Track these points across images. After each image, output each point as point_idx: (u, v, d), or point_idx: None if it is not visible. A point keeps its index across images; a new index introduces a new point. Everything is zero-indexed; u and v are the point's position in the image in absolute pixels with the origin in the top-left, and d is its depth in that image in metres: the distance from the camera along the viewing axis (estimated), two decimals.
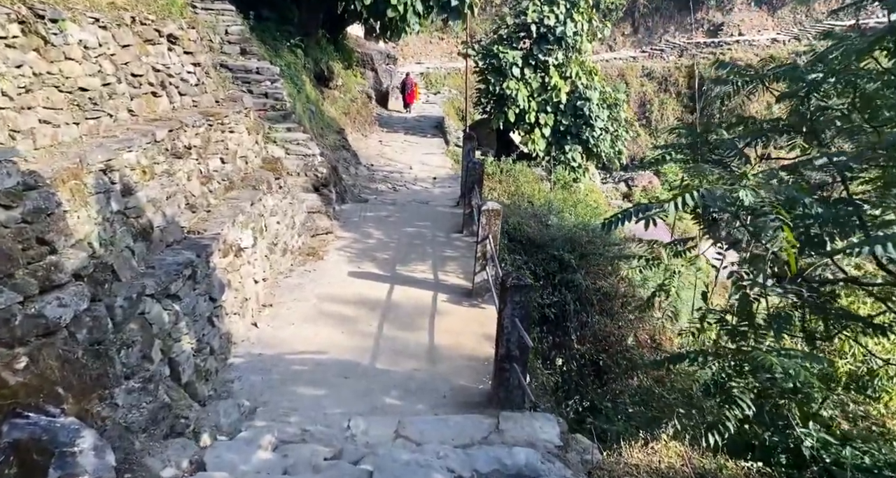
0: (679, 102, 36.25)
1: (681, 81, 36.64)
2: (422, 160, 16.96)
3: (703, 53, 37.11)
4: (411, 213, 11.20)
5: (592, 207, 18.95)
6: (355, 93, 20.77)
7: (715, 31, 38.90)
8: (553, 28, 19.42)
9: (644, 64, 37.90)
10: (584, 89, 20.18)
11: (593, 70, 20.80)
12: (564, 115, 20.28)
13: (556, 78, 19.90)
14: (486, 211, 7.20)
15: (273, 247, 7.49)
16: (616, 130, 20.85)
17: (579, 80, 20.32)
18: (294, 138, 10.64)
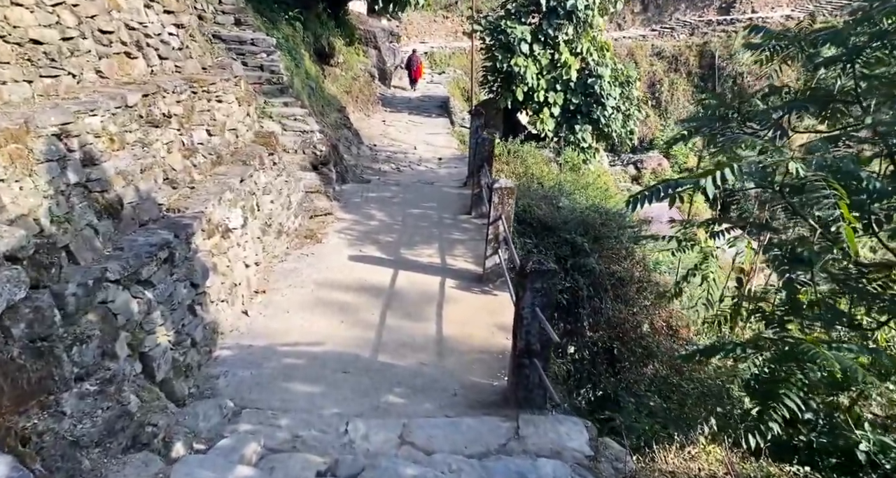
0: (690, 82, 35.28)
1: (692, 61, 35.66)
2: (426, 140, 16.28)
3: (716, 32, 36.09)
4: (416, 193, 10.57)
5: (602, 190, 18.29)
6: (357, 71, 20.02)
7: (727, 8, 37.80)
8: (563, 1, 18.58)
9: (654, 43, 36.89)
10: (596, 66, 19.38)
11: (605, 46, 19.97)
12: (574, 93, 19.50)
13: (567, 54, 19.09)
14: (498, 189, 6.56)
15: (266, 228, 6.88)
16: (628, 109, 20.07)
17: (590, 57, 19.51)
18: (291, 113, 9.99)
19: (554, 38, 19.52)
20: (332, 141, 11.57)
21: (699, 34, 36.62)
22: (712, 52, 35.18)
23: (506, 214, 6.65)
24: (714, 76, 34.71)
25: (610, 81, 19.43)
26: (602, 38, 20.06)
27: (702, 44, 35.78)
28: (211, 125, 6.28)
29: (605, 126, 19.69)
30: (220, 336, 5.32)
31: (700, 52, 35.46)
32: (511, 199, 6.62)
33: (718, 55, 34.80)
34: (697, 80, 35.20)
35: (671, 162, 32.43)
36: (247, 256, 6.26)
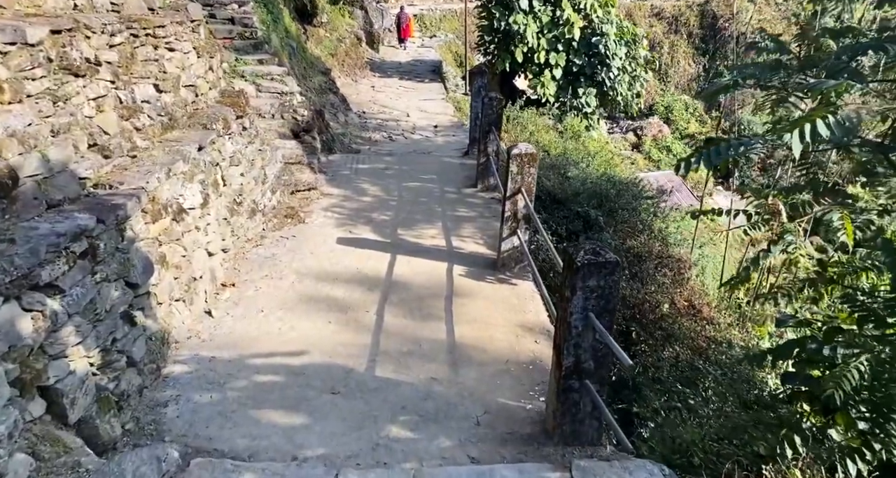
0: (691, 44, 33.81)
1: (692, 21, 34.12)
2: (420, 107, 14.96)
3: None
4: (413, 165, 9.33)
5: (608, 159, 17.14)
6: (343, 32, 18.51)
7: None
8: None
9: (653, 2, 35.25)
10: (600, 24, 17.99)
11: (610, 1, 18.53)
12: (577, 53, 18.12)
13: (569, 10, 17.66)
14: (517, 156, 5.36)
15: (236, 207, 5.67)
16: (634, 70, 18.76)
17: (594, 14, 18.10)
18: (267, 72, 8.67)
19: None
20: (316, 106, 10.27)
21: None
22: (713, 11, 33.69)
23: (526, 186, 5.47)
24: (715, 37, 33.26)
25: (615, 40, 18.07)
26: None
27: (702, 3, 34.22)
28: (160, 79, 5.01)
29: (611, 89, 18.38)
30: (172, 347, 4.16)
31: (701, 13, 33.94)
32: (532, 167, 5.43)
33: (720, 15, 33.29)
34: (698, 41, 33.73)
35: (672, 128, 31.21)
36: (210, 241, 5.07)
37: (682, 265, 10.09)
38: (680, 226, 12.76)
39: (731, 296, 11.28)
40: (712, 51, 33.12)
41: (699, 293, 9.89)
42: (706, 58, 33.26)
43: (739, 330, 9.26)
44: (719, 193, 26.45)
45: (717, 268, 12.36)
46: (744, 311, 10.52)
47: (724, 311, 9.56)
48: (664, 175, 24.19)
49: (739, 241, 19.90)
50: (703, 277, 10.84)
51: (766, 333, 9.78)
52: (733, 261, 12.70)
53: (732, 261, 12.94)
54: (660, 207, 11.57)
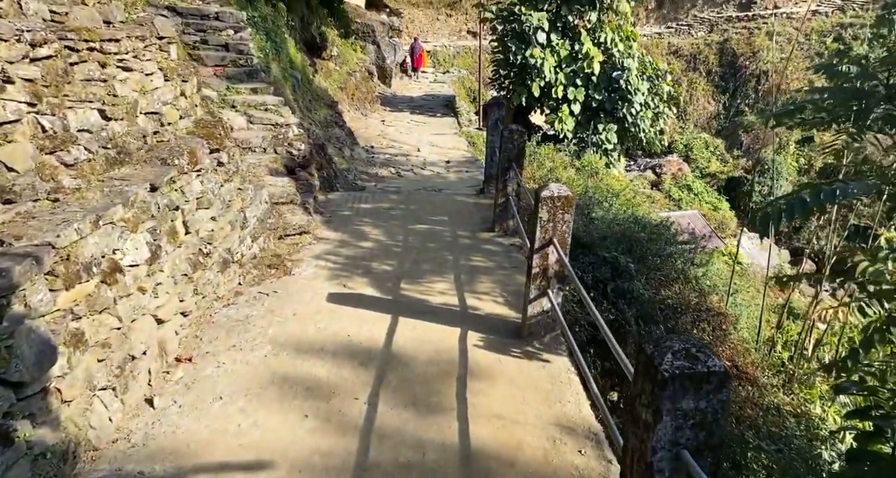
0: (710, 82, 33.08)
1: (711, 59, 33.47)
2: (431, 142, 14.07)
3: (736, 28, 33.95)
4: (421, 203, 8.31)
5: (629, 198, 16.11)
6: (354, 65, 17.85)
7: (747, 4, 35.60)
8: None
9: (671, 41, 34.74)
10: (621, 58, 17.18)
11: (632, 35, 17.76)
12: (597, 88, 17.29)
13: (589, 45, 16.89)
14: (548, 199, 4.30)
15: (203, 259, 4.62)
16: (657, 106, 17.86)
17: (615, 48, 17.32)
18: (261, 102, 7.77)
19: (574, 26, 17.36)
20: (318, 140, 9.36)
21: (718, 31, 34.48)
22: (733, 49, 33.02)
23: (560, 236, 4.39)
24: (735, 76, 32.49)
25: (638, 75, 17.22)
26: (629, 26, 17.88)
27: (721, 41, 33.62)
28: (109, 104, 4.04)
29: (632, 125, 17.46)
30: (83, 461, 3.05)
31: (720, 50, 33.30)
32: (567, 213, 4.36)
33: (740, 53, 32.61)
34: (718, 79, 32.98)
35: (692, 166, 30.18)
36: (161, 305, 4.00)
37: (723, 320, 8.91)
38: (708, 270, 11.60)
39: (770, 351, 10.08)
40: (732, 89, 32.35)
41: (742, 352, 8.70)
42: (726, 96, 32.46)
43: (785, 391, 8.13)
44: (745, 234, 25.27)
45: (750, 316, 11.22)
46: (788, 369, 9.33)
47: (766, 370, 8.44)
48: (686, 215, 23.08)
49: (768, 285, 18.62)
50: (740, 330, 9.71)
51: (816, 396, 8.59)
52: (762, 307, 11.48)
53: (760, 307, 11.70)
54: (695, 254, 10.45)
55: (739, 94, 32.44)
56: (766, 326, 11.34)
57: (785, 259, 25.12)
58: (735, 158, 30.27)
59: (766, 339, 10.96)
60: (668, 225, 11.28)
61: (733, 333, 8.85)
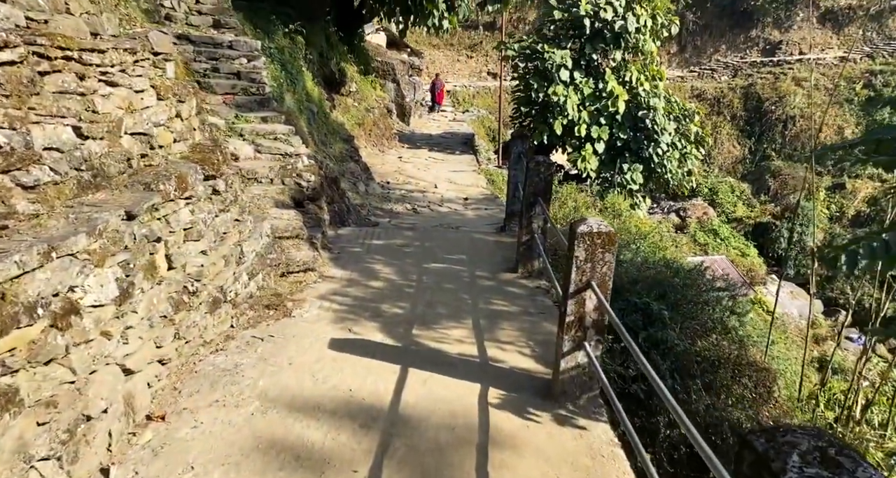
0: (735, 126, 32.60)
1: (736, 103, 33.07)
2: (449, 178, 13.61)
3: (761, 73, 33.64)
4: (438, 241, 7.74)
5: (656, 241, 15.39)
6: (372, 102, 17.64)
7: (772, 49, 35.45)
8: (610, 23, 16.14)
9: (693, 84, 34.50)
10: (647, 97, 16.75)
11: (658, 74, 17.39)
12: (622, 128, 16.82)
13: (613, 83, 16.52)
14: (585, 235, 3.69)
15: (188, 298, 4.05)
16: (684, 147, 17.31)
17: (640, 87, 16.92)
18: (270, 131, 7.34)
19: (598, 65, 17.04)
20: (331, 173, 8.90)
21: (742, 76, 34.21)
22: (758, 94, 32.61)
23: (600, 279, 3.75)
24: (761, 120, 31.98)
25: (664, 115, 16.75)
26: (654, 66, 17.52)
27: (746, 86, 33.28)
28: (86, 120, 3.56)
29: (659, 166, 16.90)
30: None
31: (745, 95, 32.92)
32: (609, 253, 3.74)
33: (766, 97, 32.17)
34: (743, 123, 32.49)
35: (717, 211, 29.40)
36: (131, 353, 3.42)
37: (766, 376, 8.10)
38: (746, 320, 10.77)
39: (814, 411, 9.24)
40: (758, 133, 31.82)
41: (787, 411, 7.86)
42: (752, 140, 31.92)
43: None
44: (773, 281, 24.27)
45: (787, 370, 10.37)
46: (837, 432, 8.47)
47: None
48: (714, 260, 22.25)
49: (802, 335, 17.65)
50: (782, 387, 8.86)
51: (873, 462, 7.67)
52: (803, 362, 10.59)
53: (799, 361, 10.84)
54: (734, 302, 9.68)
55: (766, 139, 31.89)
56: (806, 381, 10.49)
57: (818, 310, 24.01)
58: (762, 203, 29.51)
59: (806, 396, 10.10)
60: (702, 270, 10.57)
61: (777, 390, 8.05)
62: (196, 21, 9.04)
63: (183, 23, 8.89)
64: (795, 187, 29.55)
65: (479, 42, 37.20)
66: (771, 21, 36.03)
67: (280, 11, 12.33)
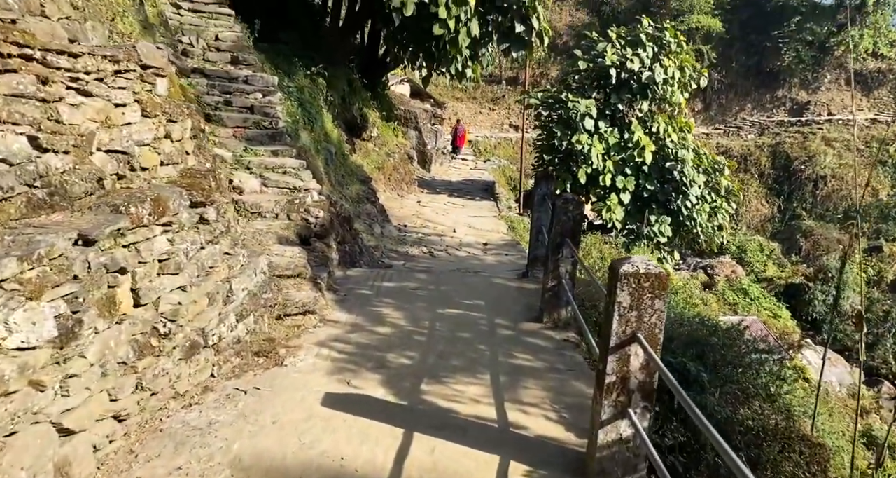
0: (763, 184, 31.89)
1: (763, 161, 32.48)
2: (469, 223, 13.08)
3: (789, 132, 33.19)
4: (454, 285, 7.09)
5: (685, 297, 14.60)
6: (393, 147, 17.41)
7: (800, 109, 35.13)
8: (637, 73, 15.83)
9: (719, 141, 34.07)
10: (675, 148, 16.25)
11: (686, 126, 16.93)
12: (649, 178, 16.26)
13: (640, 133, 16.08)
14: (630, 277, 3.04)
15: (158, 342, 3.45)
16: (714, 200, 16.64)
17: (668, 138, 16.45)
18: (279, 164, 6.89)
19: (623, 115, 16.67)
20: (344, 212, 8.40)
21: (770, 134, 33.77)
22: (787, 153, 32.04)
23: (647, 331, 3.08)
24: (790, 179, 31.29)
25: (693, 167, 16.19)
26: (682, 117, 17.10)
27: (774, 144, 32.78)
28: (47, 130, 3.07)
29: (688, 219, 16.21)
30: None
31: (773, 153, 32.36)
32: (659, 299, 3.08)
33: (795, 157, 31.57)
34: (771, 181, 31.78)
35: (746, 270, 28.36)
36: (72, 408, 2.79)
37: (820, 453, 7.16)
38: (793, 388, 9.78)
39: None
40: (787, 192, 31.09)
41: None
42: (781, 199, 31.15)
43: None
44: (808, 346, 23.00)
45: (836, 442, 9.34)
46: None
47: None
48: (745, 321, 21.17)
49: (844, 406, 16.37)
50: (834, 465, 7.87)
51: None
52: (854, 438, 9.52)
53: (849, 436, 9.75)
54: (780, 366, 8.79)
55: (795, 198, 31.14)
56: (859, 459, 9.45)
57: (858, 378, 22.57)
58: (794, 264, 28.47)
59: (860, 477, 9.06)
60: (741, 330, 9.72)
61: (833, 470, 7.11)
62: (214, 57, 8.83)
63: (200, 58, 8.68)
64: (829, 248, 28.57)
65: (502, 96, 37.49)
66: (798, 82, 35.88)
67: (303, 55, 12.21)
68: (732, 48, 36.82)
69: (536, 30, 12.71)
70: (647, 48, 15.92)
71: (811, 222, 29.88)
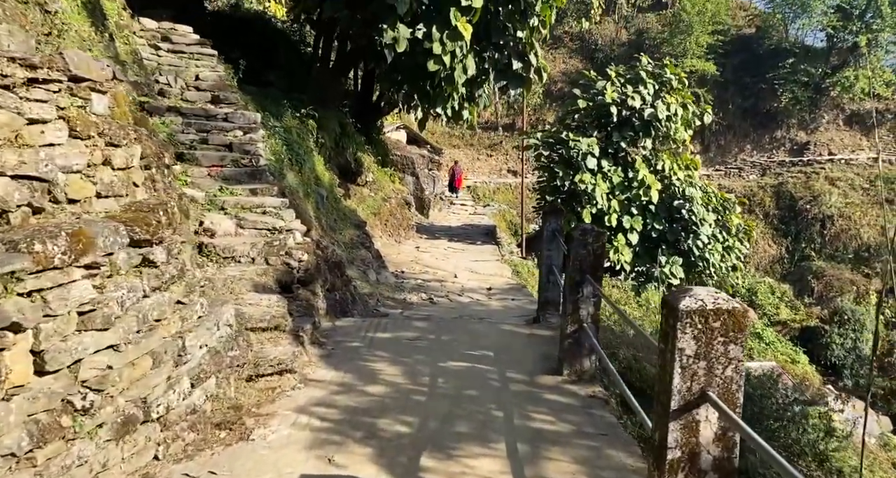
0: (769, 225, 31.27)
1: (767, 202, 32.00)
2: (470, 268, 12.30)
3: (791, 172, 32.89)
4: (457, 333, 6.24)
5: None
6: (389, 192, 16.82)
7: (800, 150, 34.98)
8: (639, 111, 15.40)
9: (720, 182, 33.65)
10: (682, 186, 15.65)
11: (692, 163, 16.39)
12: (656, 218, 15.60)
13: (645, 172, 15.51)
14: (694, 314, 2.26)
15: (71, 420, 2.64)
16: (726, 239, 15.92)
17: (674, 176, 15.87)
18: (258, 204, 6.19)
19: (626, 153, 16.15)
20: (335, 256, 7.65)
21: (771, 175, 33.48)
22: (791, 193, 31.60)
23: (721, 388, 2.28)
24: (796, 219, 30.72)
25: (702, 205, 15.54)
26: (687, 154, 16.59)
27: (776, 184, 32.41)
28: None
29: (700, 259, 15.45)
30: None
31: (776, 193, 31.92)
32: (736, 344, 2.29)
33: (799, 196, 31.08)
34: (777, 222, 31.19)
35: (758, 313, 27.36)
36: None
37: None
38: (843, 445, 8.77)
39: None
40: (794, 232, 30.47)
41: None
42: (788, 239, 30.49)
43: None
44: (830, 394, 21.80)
45: None
46: None
47: None
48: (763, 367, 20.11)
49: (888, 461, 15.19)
50: None
51: None
52: None
53: None
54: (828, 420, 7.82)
55: (803, 238, 30.50)
56: None
57: (886, 427, 21.36)
58: (807, 306, 27.51)
59: None
60: (774, 378, 8.80)
61: None
62: (193, 97, 8.28)
63: (178, 98, 8.12)
64: (842, 289, 27.73)
65: (499, 142, 37.40)
66: (796, 122, 35.84)
67: (293, 97, 11.73)
68: (728, 91, 36.96)
69: (534, 66, 12.27)
70: (647, 85, 15.55)
71: (822, 263, 29.13)
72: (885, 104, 34.95)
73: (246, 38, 13.30)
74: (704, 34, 35.74)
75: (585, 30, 41.05)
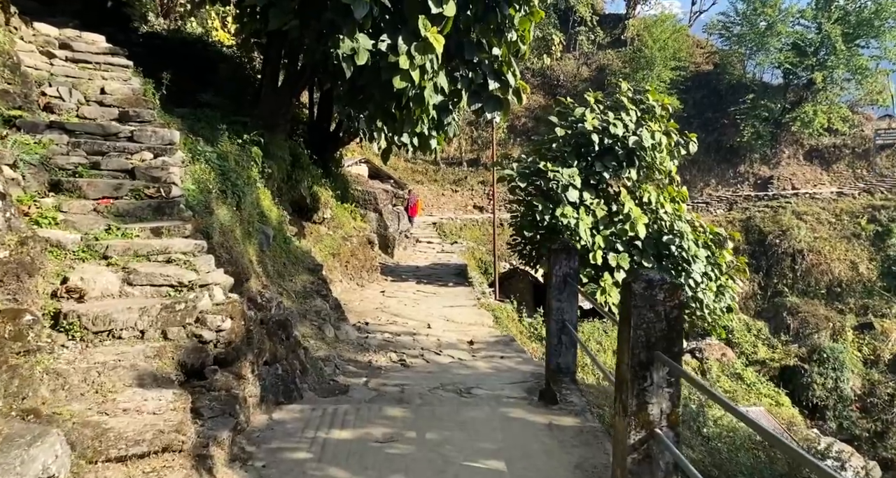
0: None
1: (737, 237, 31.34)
2: (445, 315, 10.54)
3: (758, 206, 32.53)
4: (446, 426, 4.43)
5: None
6: (350, 230, 15.05)
7: (764, 184, 34.82)
8: (622, 139, 14.17)
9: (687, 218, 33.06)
10: (671, 220, 14.38)
11: (679, 196, 15.19)
12: (644, 254, 14.23)
13: (630, 204, 14.20)
14: None
15: None
16: (718, 278, 14.63)
17: (661, 209, 14.61)
18: (161, 248, 4.36)
19: (608, 185, 14.86)
20: (278, 314, 5.83)
21: (739, 209, 33.00)
22: (759, 227, 31.10)
23: None
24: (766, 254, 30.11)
25: (693, 241, 14.28)
26: (673, 187, 15.41)
27: (744, 219, 31.87)
28: None
29: (693, 300, 14.08)
30: None
31: (745, 228, 31.29)
32: None
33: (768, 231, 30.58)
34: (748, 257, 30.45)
35: (736, 352, 26.24)
36: None
37: None
38: None
39: None
40: (766, 268, 29.76)
41: None
42: (760, 275, 29.71)
43: None
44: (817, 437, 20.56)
45: None
46: None
47: None
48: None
49: None
50: None
51: None
52: None
53: None
54: None
55: (775, 273, 29.83)
56: None
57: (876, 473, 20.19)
58: (784, 344, 26.63)
59: None
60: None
61: None
62: (93, 113, 6.46)
63: (70, 113, 6.30)
64: (818, 326, 27.02)
65: (464, 177, 36.16)
66: (758, 157, 35.78)
67: (234, 121, 9.96)
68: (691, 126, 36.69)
69: (513, 87, 10.87)
70: (629, 112, 14.42)
71: (795, 299, 28.45)
72: (842, 139, 35.23)
73: (184, 59, 11.63)
74: (666, 69, 35.61)
75: (547, 66, 40.71)
